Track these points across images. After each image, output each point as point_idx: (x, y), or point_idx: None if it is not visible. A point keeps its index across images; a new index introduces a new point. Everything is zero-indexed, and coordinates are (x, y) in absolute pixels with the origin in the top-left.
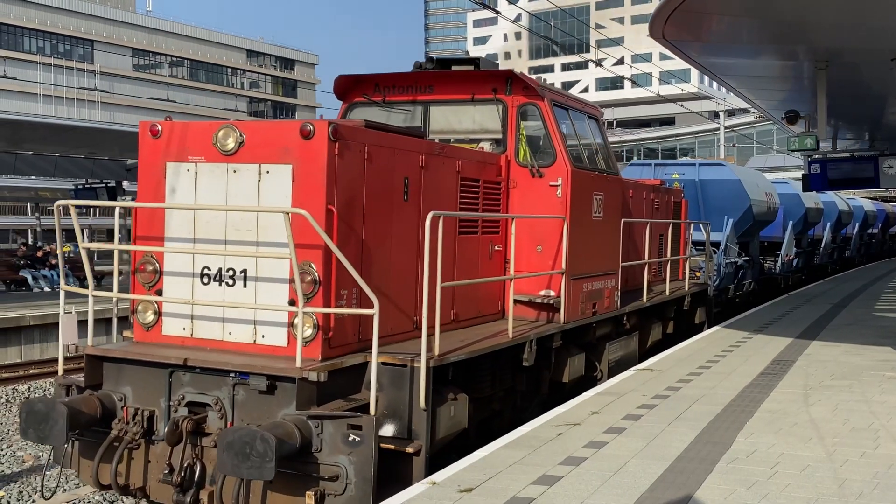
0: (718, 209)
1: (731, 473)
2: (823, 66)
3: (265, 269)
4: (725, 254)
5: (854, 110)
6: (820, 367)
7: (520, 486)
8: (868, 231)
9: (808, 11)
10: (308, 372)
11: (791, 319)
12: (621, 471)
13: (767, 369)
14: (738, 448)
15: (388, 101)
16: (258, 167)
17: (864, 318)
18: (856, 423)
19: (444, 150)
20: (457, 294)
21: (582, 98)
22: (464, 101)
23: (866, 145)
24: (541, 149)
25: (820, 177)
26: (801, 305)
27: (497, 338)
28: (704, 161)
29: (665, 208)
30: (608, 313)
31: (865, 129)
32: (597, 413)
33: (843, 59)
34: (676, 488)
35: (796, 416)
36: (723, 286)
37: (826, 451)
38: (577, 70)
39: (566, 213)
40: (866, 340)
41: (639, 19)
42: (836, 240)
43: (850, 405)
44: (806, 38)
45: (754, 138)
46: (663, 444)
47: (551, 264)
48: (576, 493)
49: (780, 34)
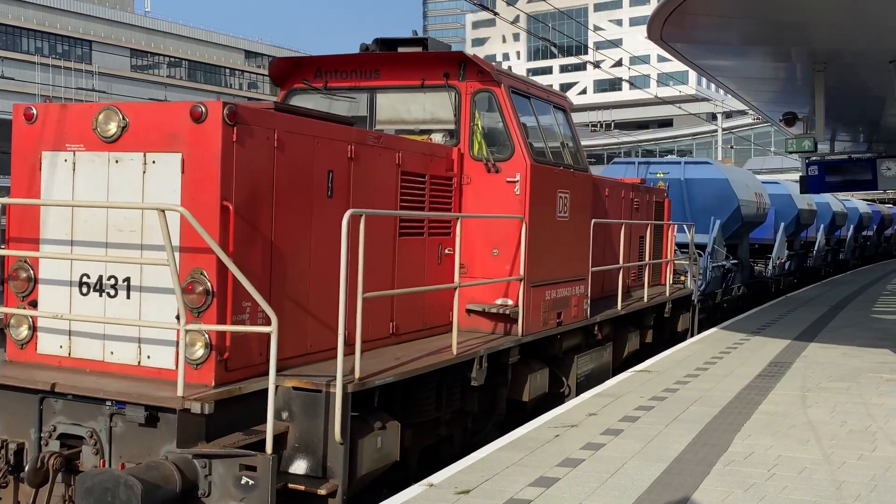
0: (705, 210)
1: (728, 475)
2: (822, 67)
3: (152, 277)
4: (712, 257)
5: (852, 112)
6: (818, 369)
7: (517, 487)
8: (863, 233)
9: (807, 13)
10: (191, 402)
11: (788, 321)
12: (619, 472)
13: (765, 371)
14: (736, 450)
15: (331, 87)
16: (143, 156)
17: (862, 321)
18: (853, 426)
19: (380, 140)
20: (397, 304)
21: (547, 86)
22: (413, 88)
23: (864, 147)
24: (498, 141)
25: (818, 179)
26: (798, 308)
27: (440, 355)
28: (690, 159)
29: (646, 208)
30: (575, 323)
31: (863, 131)
32: (594, 415)
33: (842, 61)
34: (674, 490)
35: (794, 418)
36: (709, 291)
37: (823, 453)
38: (575, 72)
39: (525, 213)
40: (864, 342)
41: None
42: (829, 242)
43: (847, 407)
44: (804, 39)
45: (752, 140)
46: (661, 445)
47: (509, 269)
48: (573, 494)
49: (778, 36)
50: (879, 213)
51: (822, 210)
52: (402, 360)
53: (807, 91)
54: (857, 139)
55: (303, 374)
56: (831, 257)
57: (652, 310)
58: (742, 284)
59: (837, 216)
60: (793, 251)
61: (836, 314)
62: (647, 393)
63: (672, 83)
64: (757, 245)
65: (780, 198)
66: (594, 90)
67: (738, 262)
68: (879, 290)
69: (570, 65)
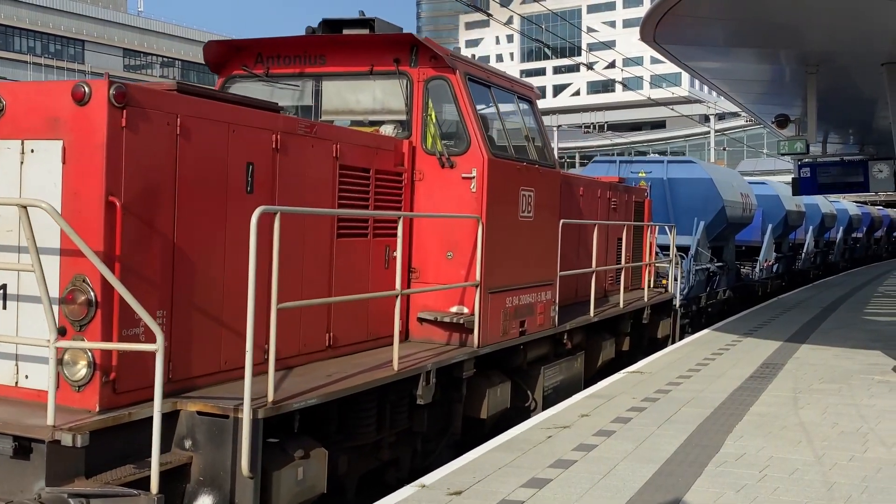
0: (689, 210)
1: (720, 476)
2: (814, 70)
3: (31, 285)
4: (696, 259)
5: (844, 114)
6: (809, 371)
7: (509, 488)
8: (853, 235)
9: (799, 16)
10: (62, 432)
11: (780, 323)
12: (611, 473)
13: (757, 372)
14: (728, 451)
15: (273, 73)
16: (21, 144)
17: (854, 322)
18: (845, 427)
19: (312, 130)
20: (335, 313)
21: (510, 75)
22: (361, 75)
23: (856, 149)
24: (453, 134)
25: (810, 181)
26: (790, 310)
27: (379, 371)
28: (673, 158)
29: (624, 209)
30: (541, 332)
31: (855, 133)
32: (586, 416)
33: (834, 64)
34: (665, 491)
35: (785, 419)
36: (693, 295)
37: (815, 454)
38: (568, 73)
39: (482, 212)
40: (856, 344)
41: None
42: (819, 244)
43: (839, 409)
44: (797, 42)
45: (744, 142)
46: (653, 446)
47: (465, 274)
48: (565, 495)
49: (771, 38)
50: (869, 214)
51: (812, 212)
52: (335, 377)
53: (799, 93)
54: (849, 141)
55: (210, 397)
56: (820, 260)
57: (629, 316)
58: (728, 288)
59: (827, 218)
60: (781, 253)
61: (827, 316)
62: (639, 394)
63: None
64: (744, 247)
65: (768, 199)
66: (587, 91)
67: (723, 265)
68: (870, 293)
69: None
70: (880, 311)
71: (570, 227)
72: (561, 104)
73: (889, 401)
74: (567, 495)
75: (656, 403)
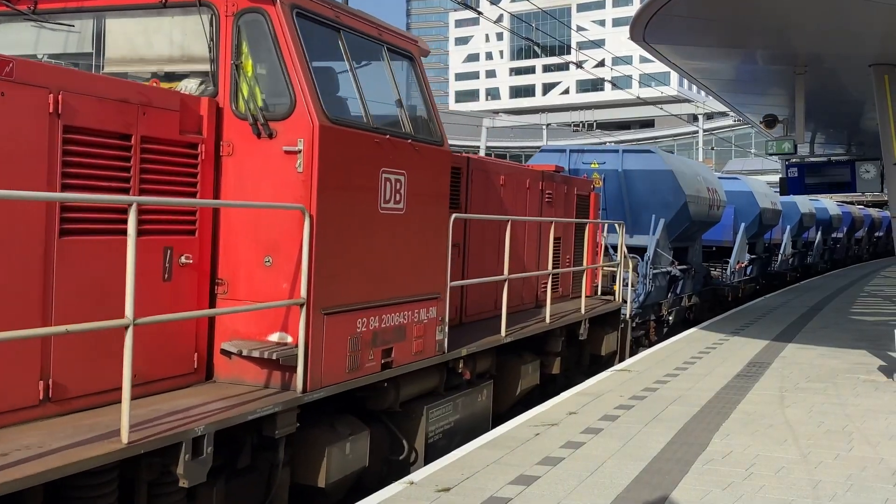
0: (647, 206)
1: (706, 474)
2: (802, 71)
3: None
4: (654, 262)
5: (832, 115)
6: (795, 370)
7: (497, 485)
8: (832, 235)
9: (788, 17)
10: None
11: (767, 322)
12: (598, 471)
13: (744, 371)
14: (714, 449)
15: (41, 9)
16: None
17: (840, 322)
18: (830, 426)
19: (5, 69)
20: (59, 351)
21: (381, 21)
22: (152, 9)
23: (843, 150)
24: (273, 89)
25: (797, 180)
26: (770, 313)
27: (103, 444)
28: (630, 147)
29: (563, 202)
30: (420, 362)
31: (843, 133)
32: (574, 413)
33: (822, 65)
34: (653, 489)
35: (772, 417)
36: (651, 302)
37: (801, 452)
38: (558, 72)
39: (310, 200)
40: (842, 344)
41: (620, 22)
42: (796, 245)
43: (824, 408)
44: (785, 43)
45: (733, 142)
46: (640, 444)
47: (289, 288)
48: (553, 493)
49: (761, 39)
50: (850, 214)
51: (789, 210)
52: (42, 449)
53: (787, 94)
54: (837, 142)
55: None
56: (798, 261)
57: (560, 332)
58: (694, 293)
59: (805, 217)
60: (755, 255)
61: (814, 315)
62: (626, 392)
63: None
64: (714, 248)
65: (740, 195)
66: (577, 90)
67: (687, 268)
68: (855, 294)
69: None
70: (866, 311)
71: (488, 225)
72: (550, 102)
73: (874, 400)
74: (555, 493)
75: (643, 401)
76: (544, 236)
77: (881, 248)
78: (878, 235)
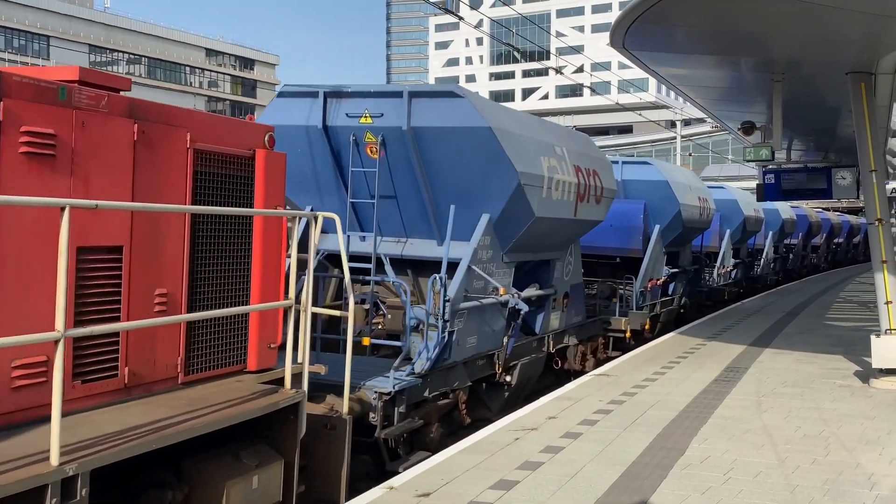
0: (468, 190)
1: (685, 479)
2: (780, 78)
3: None
4: (471, 289)
5: (808, 122)
6: (772, 375)
7: (477, 490)
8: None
9: (766, 25)
10: None
11: (744, 327)
12: (578, 475)
13: (721, 376)
14: (693, 454)
15: None
16: None
17: (816, 327)
18: (807, 431)
19: None
20: None
21: None
22: None
23: (819, 157)
24: None
25: (774, 187)
26: (749, 317)
27: None
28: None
29: (167, 168)
30: None
31: (819, 140)
32: (554, 418)
33: (800, 72)
34: (632, 493)
35: (749, 422)
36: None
37: (778, 457)
38: (537, 77)
39: None
40: (818, 349)
41: (599, 28)
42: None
43: (801, 412)
44: (763, 50)
45: (710, 148)
46: (619, 449)
47: None
48: (533, 497)
49: (738, 46)
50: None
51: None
52: None
53: (765, 101)
54: (814, 148)
55: None
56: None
57: None
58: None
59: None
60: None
61: (790, 321)
62: (605, 396)
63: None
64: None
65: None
66: (556, 95)
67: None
68: (831, 300)
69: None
70: (842, 317)
71: None
72: (530, 108)
73: (850, 405)
74: (535, 497)
75: (622, 406)
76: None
77: (859, 254)
78: (856, 241)
